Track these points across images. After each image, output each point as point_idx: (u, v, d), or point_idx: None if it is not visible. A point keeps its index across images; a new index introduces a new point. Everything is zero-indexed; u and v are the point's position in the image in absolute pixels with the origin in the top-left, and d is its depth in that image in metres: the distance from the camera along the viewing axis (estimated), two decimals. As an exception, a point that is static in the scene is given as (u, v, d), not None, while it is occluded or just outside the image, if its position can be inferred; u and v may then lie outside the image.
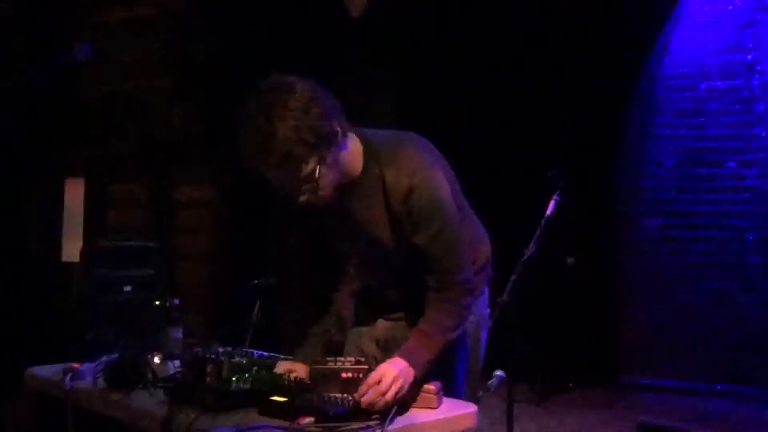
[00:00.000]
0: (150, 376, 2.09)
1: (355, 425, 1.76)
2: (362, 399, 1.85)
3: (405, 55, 5.81)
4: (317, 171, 1.91)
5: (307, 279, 2.36)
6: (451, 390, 2.10)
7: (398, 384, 1.89)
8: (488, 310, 2.36)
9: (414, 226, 2.02)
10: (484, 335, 2.29)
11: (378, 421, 1.80)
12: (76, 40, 5.51)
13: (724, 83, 5.46)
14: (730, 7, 5.43)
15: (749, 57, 5.37)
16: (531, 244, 3.24)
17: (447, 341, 2.04)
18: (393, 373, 1.89)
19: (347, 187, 2.04)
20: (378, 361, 2.06)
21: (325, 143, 1.90)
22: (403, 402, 1.90)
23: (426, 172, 2.01)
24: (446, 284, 2.05)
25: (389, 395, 1.86)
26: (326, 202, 2.01)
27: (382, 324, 2.28)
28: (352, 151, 2.02)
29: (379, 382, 1.87)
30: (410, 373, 1.94)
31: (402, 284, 2.19)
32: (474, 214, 2.28)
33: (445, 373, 2.08)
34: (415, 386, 1.96)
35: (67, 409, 2.12)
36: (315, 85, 1.94)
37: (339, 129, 1.94)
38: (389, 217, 2.04)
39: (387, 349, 2.18)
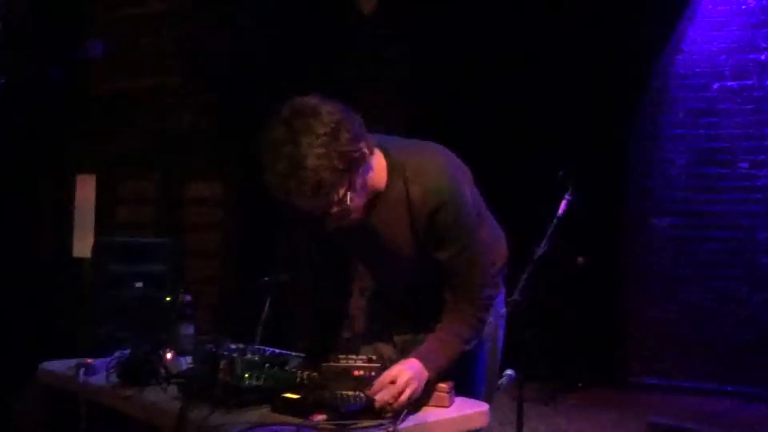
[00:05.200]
0: (162, 372, 2.09)
1: (368, 423, 1.76)
2: (376, 398, 1.82)
3: (416, 54, 5.80)
4: (348, 197, 1.87)
5: (318, 276, 2.35)
6: (470, 390, 2.09)
7: (413, 387, 1.86)
8: (505, 309, 2.35)
9: (438, 242, 2.00)
10: (501, 334, 2.29)
11: (390, 419, 1.79)
12: (88, 37, 5.54)
13: (736, 83, 5.44)
14: (744, 7, 5.41)
15: (762, 57, 5.35)
16: (542, 244, 3.25)
17: (462, 351, 2.03)
18: (407, 375, 1.87)
19: (371, 200, 2.01)
20: (394, 363, 2.06)
21: (355, 168, 1.85)
22: (416, 401, 1.90)
23: (452, 190, 1.98)
24: (466, 299, 2.04)
25: (403, 397, 1.84)
26: (356, 223, 1.98)
27: (398, 338, 2.27)
28: (377, 167, 1.98)
29: (392, 382, 1.85)
30: (424, 375, 1.92)
31: (420, 296, 2.16)
32: (491, 216, 2.27)
33: (465, 373, 2.08)
34: (428, 388, 1.94)
35: (80, 403, 2.13)
36: (340, 106, 1.86)
37: (366, 150, 1.89)
38: (412, 231, 2.02)
39: (404, 350, 2.17)
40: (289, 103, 1.85)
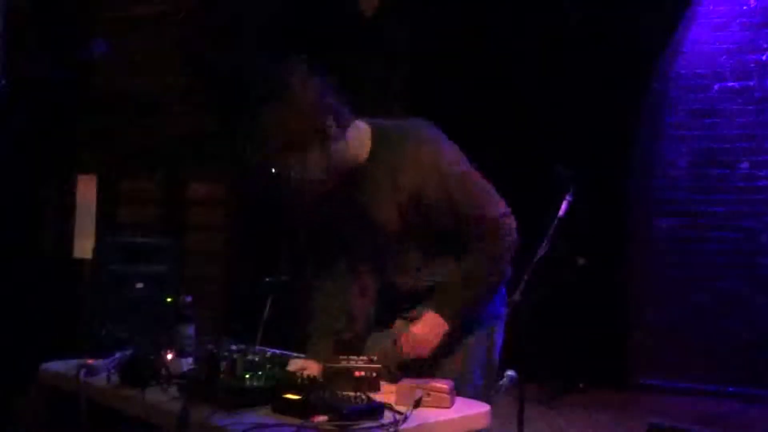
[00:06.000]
0: (164, 372, 2.09)
1: (369, 424, 1.76)
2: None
3: (417, 53, 5.80)
4: (315, 162, 1.97)
5: (318, 277, 2.35)
6: (466, 389, 2.10)
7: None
8: (504, 310, 2.35)
9: (448, 213, 2.07)
10: (500, 335, 2.29)
11: (392, 419, 1.80)
12: (89, 36, 5.53)
13: (737, 84, 5.44)
14: (745, 8, 5.41)
15: (763, 57, 5.36)
16: (543, 244, 3.25)
17: (482, 294, 2.13)
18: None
19: (353, 173, 2.07)
20: (392, 359, 2.08)
21: (322, 134, 1.96)
22: (417, 400, 1.90)
23: (451, 167, 2.06)
24: (479, 265, 2.10)
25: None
26: (326, 190, 2.06)
27: (400, 323, 2.28)
28: (356, 138, 2.06)
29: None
30: (442, 327, 2.07)
31: (413, 274, 2.19)
32: None
33: (461, 372, 2.09)
34: (450, 339, 2.08)
35: (81, 404, 2.12)
36: (312, 76, 2.00)
37: (337, 120, 1.99)
38: (399, 209, 2.07)
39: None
40: (266, 70, 2.03)
